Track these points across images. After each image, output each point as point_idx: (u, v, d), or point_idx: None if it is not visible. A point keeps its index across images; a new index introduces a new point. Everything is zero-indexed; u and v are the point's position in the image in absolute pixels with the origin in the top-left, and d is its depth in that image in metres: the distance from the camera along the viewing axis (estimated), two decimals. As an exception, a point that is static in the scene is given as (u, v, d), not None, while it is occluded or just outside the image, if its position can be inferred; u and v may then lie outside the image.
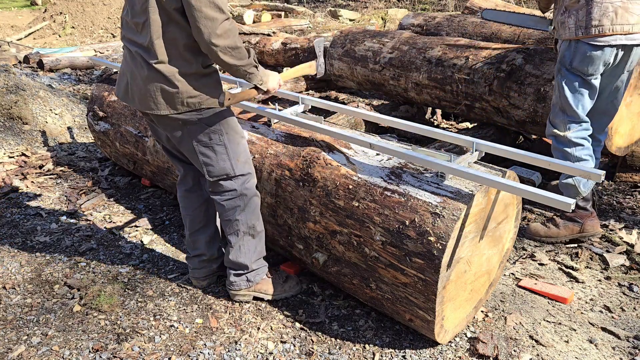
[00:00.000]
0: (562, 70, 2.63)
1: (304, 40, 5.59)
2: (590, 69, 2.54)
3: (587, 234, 2.81)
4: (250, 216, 2.27)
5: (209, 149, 2.15)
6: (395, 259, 1.95)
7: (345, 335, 2.20)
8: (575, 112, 2.62)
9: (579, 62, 2.54)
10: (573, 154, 2.66)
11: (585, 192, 2.70)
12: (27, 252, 2.80)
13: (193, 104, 2.03)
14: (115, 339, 2.17)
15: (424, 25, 5.34)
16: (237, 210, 2.24)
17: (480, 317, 2.29)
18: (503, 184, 1.81)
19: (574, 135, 2.65)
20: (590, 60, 2.51)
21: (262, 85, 2.14)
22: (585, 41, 2.50)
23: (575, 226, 2.80)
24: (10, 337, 2.19)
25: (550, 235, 2.84)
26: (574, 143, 2.66)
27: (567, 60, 2.59)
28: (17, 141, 4.12)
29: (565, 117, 2.66)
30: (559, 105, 2.68)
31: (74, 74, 6.22)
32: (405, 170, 2.06)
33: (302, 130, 2.47)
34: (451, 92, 3.70)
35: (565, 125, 2.66)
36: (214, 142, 2.15)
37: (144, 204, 3.36)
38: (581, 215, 2.79)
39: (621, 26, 2.44)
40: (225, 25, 1.87)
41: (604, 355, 2.08)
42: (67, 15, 10.21)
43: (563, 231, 2.81)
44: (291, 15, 10.48)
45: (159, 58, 1.95)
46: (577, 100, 2.61)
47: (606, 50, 2.49)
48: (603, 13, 2.44)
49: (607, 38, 2.46)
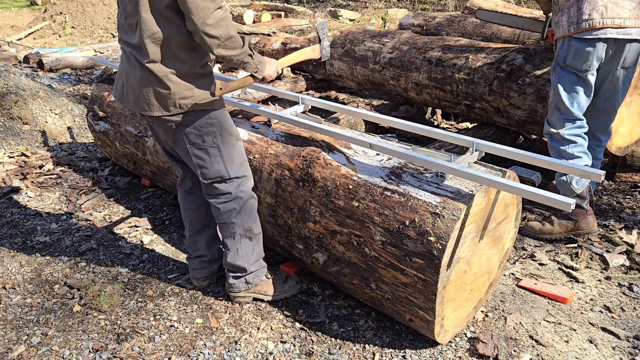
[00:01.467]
0: (557, 69, 2.66)
1: (304, 40, 5.59)
2: (584, 65, 2.56)
3: (582, 232, 2.81)
4: (247, 219, 2.25)
5: (203, 151, 2.14)
6: (395, 259, 1.95)
7: (345, 335, 2.20)
8: (569, 109, 2.64)
9: (572, 59, 2.57)
10: (566, 151, 2.68)
11: (579, 189, 2.71)
12: (27, 252, 2.80)
13: (185, 105, 2.01)
14: (115, 339, 2.17)
15: (424, 25, 5.34)
16: (233, 213, 2.22)
17: (480, 317, 2.29)
18: (503, 184, 1.81)
19: (568, 132, 2.67)
20: (583, 55, 2.53)
21: (257, 73, 2.12)
22: (577, 36, 2.53)
23: (570, 223, 2.81)
24: (10, 337, 2.19)
25: (544, 232, 2.85)
26: (567, 140, 2.67)
27: (561, 57, 2.62)
28: (17, 141, 4.12)
29: (560, 115, 2.68)
30: (554, 104, 2.70)
31: (74, 74, 6.22)
32: (405, 170, 2.06)
33: (302, 130, 2.47)
34: (451, 92, 3.70)
35: (560, 123, 2.68)
36: (207, 144, 2.12)
37: (144, 204, 3.36)
38: (576, 212, 2.79)
39: (612, 19, 2.46)
40: (217, 14, 1.85)
41: (604, 355, 2.08)
42: (67, 15, 10.21)
43: (557, 228, 2.82)
44: (291, 15, 10.48)
45: (150, 57, 1.93)
46: (571, 98, 2.63)
47: (598, 45, 2.51)
48: (593, 7, 2.48)
49: (598, 32, 2.48)
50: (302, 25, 9.33)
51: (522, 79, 3.25)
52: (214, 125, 2.11)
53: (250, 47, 2.07)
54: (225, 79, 3.09)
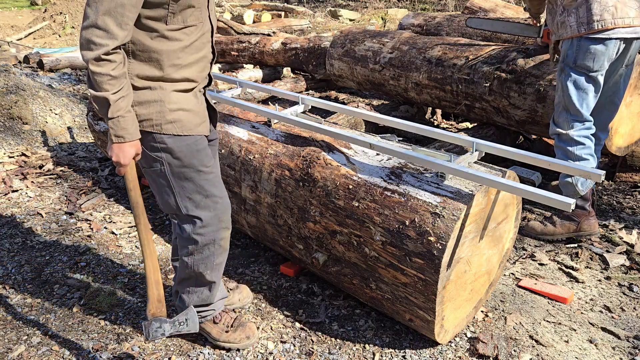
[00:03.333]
0: (566, 69, 2.64)
1: (304, 40, 5.59)
2: (595, 65, 2.55)
3: (584, 233, 2.82)
4: (200, 264, 1.94)
5: (150, 177, 1.86)
6: (395, 259, 1.95)
7: (345, 335, 2.20)
8: (579, 110, 2.63)
9: (583, 59, 2.56)
10: (574, 153, 2.67)
11: (584, 191, 2.71)
12: (27, 252, 2.80)
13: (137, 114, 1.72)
14: (115, 339, 2.17)
15: (424, 25, 5.34)
16: (185, 252, 1.93)
17: (480, 317, 2.29)
18: (503, 184, 1.81)
19: (577, 133, 2.66)
20: (595, 55, 2.53)
21: (113, 145, 1.66)
22: (589, 37, 2.52)
23: (572, 225, 2.81)
24: (10, 337, 2.19)
25: (546, 233, 2.85)
26: (575, 142, 2.67)
27: (571, 58, 2.60)
28: (17, 141, 4.12)
29: (568, 116, 2.67)
30: (562, 105, 2.68)
31: (74, 74, 6.22)
32: (405, 170, 2.06)
33: (302, 130, 2.47)
34: (451, 92, 3.71)
35: (569, 124, 2.67)
36: (154, 170, 1.82)
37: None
38: (578, 214, 2.80)
39: (622, 19, 2.48)
40: (90, 33, 1.52)
41: (604, 355, 2.08)
42: (67, 15, 10.21)
43: (559, 229, 2.82)
44: (291, 15, 10.48)
45: None
46: (581, 99, 2.62)
47: (609, 45, 2.52)
48: (603, 8, 2.48)
49: (609, 32, 2.49)
50: (302, 25, 9.33)
51: (522, 79, 3.25)
52: (162, 150, 1.77)
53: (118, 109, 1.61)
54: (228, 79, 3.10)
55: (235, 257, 2.75)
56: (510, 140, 3.86)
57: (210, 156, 1.90)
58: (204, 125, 1.87)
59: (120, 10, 1.53)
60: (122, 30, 1.55)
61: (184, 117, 1.78)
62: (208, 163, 1.87)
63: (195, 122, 1.82)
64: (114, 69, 1.57)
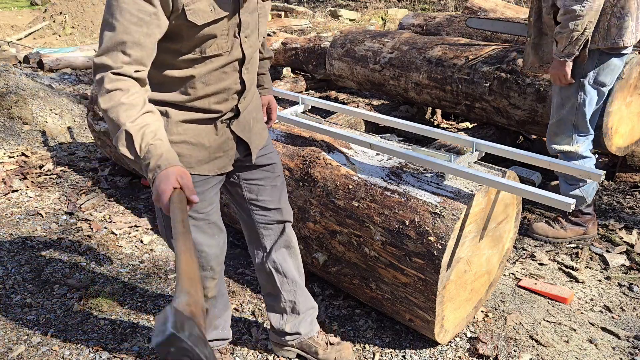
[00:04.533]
0: (586, 87, 2.55)
1: (304, 40, 5.59)
2: (609, 80, 2.56)
3: (588, 236, 2.88)
4: None
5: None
6: (395, 259, 1.95)
7: (345, 335, 2.20)
8: (587, 126, 2.64)
9: (604, 75, 2.53)
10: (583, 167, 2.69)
11: (591, 199, 2.77)
12: (27, 252, 2.80)
13: None
14: (115, 339, 2.17)
15: (424, 25, 5.34)
16: None
17: (480, 317, 2.29)
18: (503, 184, 1.81)
19: (584, 148, 2.67)
20: (613, 71, 2.54)
21: (151, 182, 1.29)
22: (610, 52, 2.49)
23: (580, 229, 2.86)
24: (10, 337, 2.19)
25: (557, 237, 2.88)
26: (583, 157, 2.68)
27: (590, 73, 2.53)
28: (17, 141, 4.12)
29: (575, 133, 2.65)
30: (571, 122, 2.62)
31: (74, 74, 6.22)
32: (405, 170, 2.06)
33: (302, 130, 2.47)
34: (451, 92, 3.70)
35: (574, 140, 2.66)
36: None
37: (144, 204, 3.36)
38: (586, 219, 2.84)
39: (635, 36, 2.49)
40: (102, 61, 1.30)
41: (604, 355, 2.08)
42: (67, 15, 10.21)
43: (569, 233, 2.87)
44: (291, 15, 10.48)
45: None
46: (590, 115, 2.63)
47: (624, 60, 2.55)
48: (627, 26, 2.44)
49: (628, 48, 2.50)
50: (302, 25, 9.33)
51: (522, 79, 3.25)
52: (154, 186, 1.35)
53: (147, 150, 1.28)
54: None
55: (235, 257, 2.75)
56: (510, 140, 3.86)
57: (208, 201, 1.65)
58: (215, 163, 1.63)
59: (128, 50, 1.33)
60: (141, 68, 1.36)
61: (187, 151, 1.56)
62: (202, 209, 1.63)
63: (200, 159, 1.59)
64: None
